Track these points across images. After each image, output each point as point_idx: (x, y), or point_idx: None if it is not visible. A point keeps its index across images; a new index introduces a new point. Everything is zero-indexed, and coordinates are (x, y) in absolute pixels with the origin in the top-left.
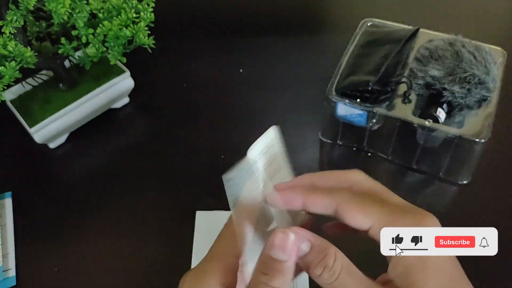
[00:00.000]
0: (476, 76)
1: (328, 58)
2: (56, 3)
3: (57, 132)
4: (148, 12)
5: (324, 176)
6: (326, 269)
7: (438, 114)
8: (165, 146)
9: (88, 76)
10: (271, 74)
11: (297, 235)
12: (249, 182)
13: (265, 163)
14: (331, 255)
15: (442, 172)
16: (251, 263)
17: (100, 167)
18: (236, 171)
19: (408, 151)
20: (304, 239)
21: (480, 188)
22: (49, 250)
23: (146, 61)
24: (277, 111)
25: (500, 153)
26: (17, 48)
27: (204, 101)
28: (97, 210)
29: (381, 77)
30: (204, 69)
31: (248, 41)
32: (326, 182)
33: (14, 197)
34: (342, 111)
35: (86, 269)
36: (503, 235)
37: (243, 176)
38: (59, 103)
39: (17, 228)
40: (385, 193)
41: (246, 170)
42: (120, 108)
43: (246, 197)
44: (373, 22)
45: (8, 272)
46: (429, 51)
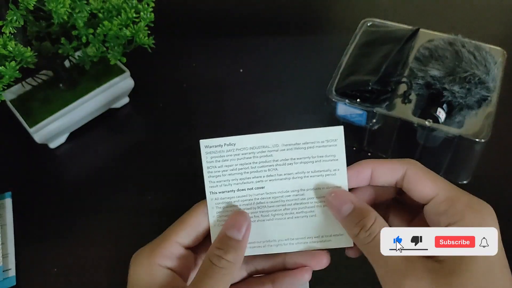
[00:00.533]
0: (476, 76)
1: (328, 58)
2: (56, 3)
3: (57, 132)
4: (148, 12)
5: (382, 161)
6: (364, 230)
7: (438, 114)
8: (165, 146)
9: (88, 76)
10: (271, 74)
11: (342, 196)
12: (230, 164)
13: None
14: (371, 218)
15: (442, 172)
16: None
17: (100, 167)
18: (217, 143)
19: (408, 151)
20: (348, 200)
21: (480, 188)
22: (49, 250)
23: (146, 61)
24: (277, 111)
25: (500, 153)
26: (17, 48)
27: (204, 101)
28: (97, 210)
29: (381, 77)
30: (204, 69)
31: (248, 41)
32: (384, 164)
33: (14, 197)
34: (342, 111)
35: (86, 269)
36: (503, 235)
37: (223, 153)
38: (59, 103)
39: (17, 228)
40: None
41: (229, 149)
42: (120, 108)
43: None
44: (373, 22)
45: (8, 272)
46: (429, 51)
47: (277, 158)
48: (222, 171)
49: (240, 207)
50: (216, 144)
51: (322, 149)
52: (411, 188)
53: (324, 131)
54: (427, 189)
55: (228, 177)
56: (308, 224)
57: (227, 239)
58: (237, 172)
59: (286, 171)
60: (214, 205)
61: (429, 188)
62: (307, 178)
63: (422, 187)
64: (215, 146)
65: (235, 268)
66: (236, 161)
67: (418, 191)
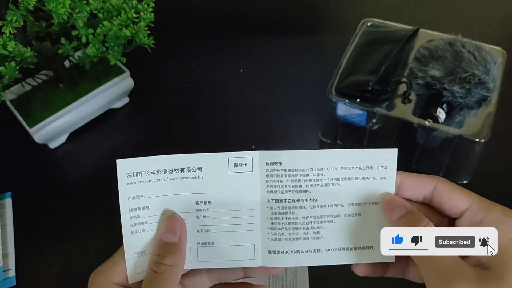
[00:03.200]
0: (476, 76)
1: (328, 58)
2: (56, 3)
3: (57, 132)
4: (148, 12)
5: (411, 174)
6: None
7: (438, 114)
8: (165, 146)
9: (88, 76)
10: (271, 74)
11: (397, 200)
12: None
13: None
14: (422, 220)
15: (442, 172)
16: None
17: (100, 167)
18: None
19: (408, 151)
20: (402, 204)
21: (480, 188)
22: (49, 250)
23: (146, 61)
24: (277, 111)
25: (500, 153)
26: (17, 48)
27: (204, 101)
28: (97, 210)
29: (381, 77)
30: (204, 69)
31: (248, 41)
32: (414, 177)
33: (14, 197)
34: (342, 111)
35: (86, 269)
36: None
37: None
38: (59, 103)
39: (17, 228)
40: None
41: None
42: (120, 108)
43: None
44: (373, 22)
45: (8, 272)
46: (429, 51)
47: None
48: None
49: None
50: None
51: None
52: (443, 202)
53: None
54: (460, 202)
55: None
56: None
57: (163, 244)
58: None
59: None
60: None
61: (462, 200)
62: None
63: (455, 200)
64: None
65: (176, 271)
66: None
67: (451, 204)
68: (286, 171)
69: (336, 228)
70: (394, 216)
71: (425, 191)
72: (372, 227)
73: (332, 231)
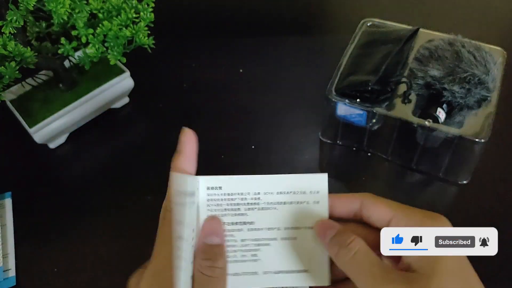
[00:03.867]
0: (476, 76)
1: (328, 58)
2: (56, 3)
3: (57, 132)
4: (148, 12)
5: (338, 195)
6: (343, 246)
7: (438, 114)
8: (165, 146)
9: (88, 76)
10: (271, 74)
11: (327, 223)
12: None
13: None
14: (350, 236)
15: (442, 172)
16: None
17: (100, 167)
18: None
19: (408, 151)
20: (332, 226)
21: (480, 188)
22: (49, 250)
23: (146, 61)
24: (277, 111)
25: (500, 153)
26: (17, 48)
27: (204, 101)
28: (97, 210)
29: (381, 77)
30: (204, 69)
31: (248, 41)
32: (341, 198)
33: (14, 197)
34: (342, 111)
35: (86, 269)
36: (503, 235)
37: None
38: (59, 103)
39: (17, 228)
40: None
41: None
42: (120, 108)
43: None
44: (373, 22)
45: (8, 272)
46: (429, 51)
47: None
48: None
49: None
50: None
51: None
52: (370, 215)
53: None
54: (384, 213)
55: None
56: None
57: (210, 248)
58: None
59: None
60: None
61: (385, 211)
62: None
63: (380, 212)
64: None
65: (225, 272)
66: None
67: (377, 216)
68: (225, 195)
69: (273, 251)
70: (326, 238)
71: (353, 208)
72: (307, 251)
73: (269, 254)
